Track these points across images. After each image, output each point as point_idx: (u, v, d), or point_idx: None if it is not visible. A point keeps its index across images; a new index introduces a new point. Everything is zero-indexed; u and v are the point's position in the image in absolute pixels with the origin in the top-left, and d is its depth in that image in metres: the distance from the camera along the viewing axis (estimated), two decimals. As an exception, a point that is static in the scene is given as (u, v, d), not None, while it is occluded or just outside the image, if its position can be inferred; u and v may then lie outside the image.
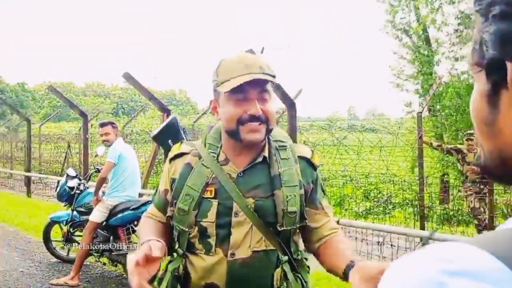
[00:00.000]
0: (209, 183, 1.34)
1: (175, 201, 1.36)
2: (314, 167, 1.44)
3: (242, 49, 5.30)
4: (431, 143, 7.10)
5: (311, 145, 7.42)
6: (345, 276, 1.19)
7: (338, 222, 5.08)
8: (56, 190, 5.42)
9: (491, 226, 5.93)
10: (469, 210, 6.58)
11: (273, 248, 1.33)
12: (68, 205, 5.11)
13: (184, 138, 2.11)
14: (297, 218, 1.35)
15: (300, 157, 1.42)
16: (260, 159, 1.36)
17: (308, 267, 1.47)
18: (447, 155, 7.10)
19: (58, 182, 5.48)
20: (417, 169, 7.25)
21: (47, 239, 5.29)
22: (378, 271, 1.03)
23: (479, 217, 6.34)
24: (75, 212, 4.96)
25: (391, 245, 5.13)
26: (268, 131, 1.34)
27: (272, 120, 1.34)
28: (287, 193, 1.33)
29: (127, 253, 4.28)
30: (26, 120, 11.74)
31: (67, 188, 5.02)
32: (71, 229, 5.05)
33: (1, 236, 6.72)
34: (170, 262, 1.41)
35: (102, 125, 4.86)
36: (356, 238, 5.72)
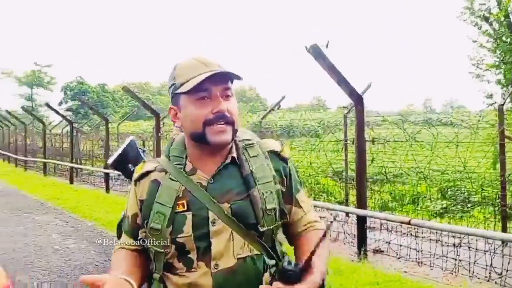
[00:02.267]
0: (180, 196, 1.26)
1: (146, 221, 1.28)
2: (284, 160, 1.37)
3: (308, 44, 5.20)
4: (514, 138, 6.58)
5: (382, 141, 7.15)
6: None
7: (409, 222, 4.87)
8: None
9: None
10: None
11: (258, 253, 1.26)
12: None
13: (145, 159, 1.92)
14: (277, 215, 1.29)
15: (270, 152, 1.35)
16: (228, 161, 1.30)
17: None
18: (533, 150, 6.54)
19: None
20: (499, 165, 6.75)
21: (121, 235, 5.51)
22: None
23: None
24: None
25: (469, 247, 4.81)
26: (235, 132, 1.28)
27: (236, 120, 1.27)
28: (263, 190, 1.27)
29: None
30: (104, 120, 12.41)
31: None
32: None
33: (80, 230, 7.14)
34: None
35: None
36: (430, 239, 5.43)
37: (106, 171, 11.74)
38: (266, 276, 1.26)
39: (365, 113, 5.58)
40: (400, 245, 5.38)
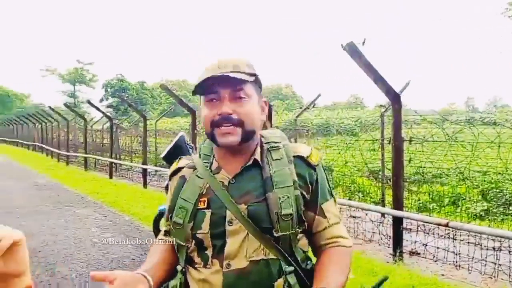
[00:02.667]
0: (203, 193, 1.29)
1: (170, 215, 1.33)
2: (311, 166, 1.32)
3: (344, 42, 5.14)
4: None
5: (419, 140, 6.98)
6: None
7: (447, 225, 4.74)
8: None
9: None
10: None
11: (273, 257, 1.24)
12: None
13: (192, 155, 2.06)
14: (293, 221, 1.24)
15: (296, 157, 1.32)
16: (250, 163, 1.30)
17: None
18: None
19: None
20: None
21: (156, 230, 5.61)
22: None
23: None
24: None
25: (509, 251, 4.64)
26: (246, 133, 1.26)
27: (248, 121, 1.26)
28: (280, 194, 1.24)
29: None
30: (142, 117, 12.66)
31: None
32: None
33: (118, 224, 7.32)
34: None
35: None
36: (468, 242, 5.27)
37: (144, 166, 11.99)
38: (279, 282, 1.23)
39: (403, 112, 5.46)
40: (438, 248, 5.25)
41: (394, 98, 5.28)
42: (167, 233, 1.38)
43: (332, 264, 1.25)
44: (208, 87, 1.26)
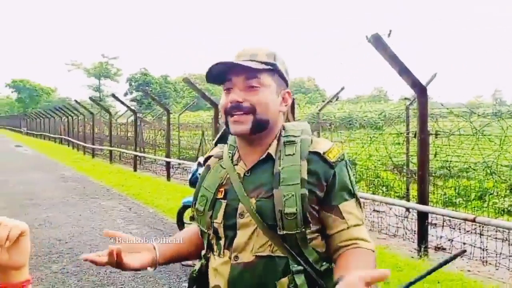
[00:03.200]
0: (223, 183, 1.30)
1: (194, 201, 1.35)
2: (329, 163, 1.24)
3: (369, 34, 5.05)
4: None
5: (446, 134, 6.84)
6: None
7: (474, 220, 4.64)
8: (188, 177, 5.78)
9: None
10: None
11: (281, 254, 1.19)
12: (199, 190, 5.38)
13: None
14: (298, 221, 1.17)
15: (313, 153, 1.25)
16: (264, 156, 1.28)
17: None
18: None
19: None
20: None
21: (180, 222, 5.66)
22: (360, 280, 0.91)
23: None
24: (205, 198, 5.20)
25: (539, 248, 4.52)
26: (258, 121, 1.24)
27: (260, 109, 1.23)
28: (285, 192, 1.19)
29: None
30: (166, 110, 12.77)
31: (198, 175, 5.28)
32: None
33: (142, 216, 7.41)
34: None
35: None
36: (496, 238, 5.16)
37: (168, 159, 12.10)
38: (284, 281, 1.18)
39: (429, 105, 5.36)
40: (464, 243, 5.15)
41: (420, 90, 5.18)
42: (192, 218, 1.41)
43: (354, 261, 1.15)
44: (225, 76, 1.27)
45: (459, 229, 5.87)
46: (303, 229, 1.19)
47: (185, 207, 5.62)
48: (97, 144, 19.60)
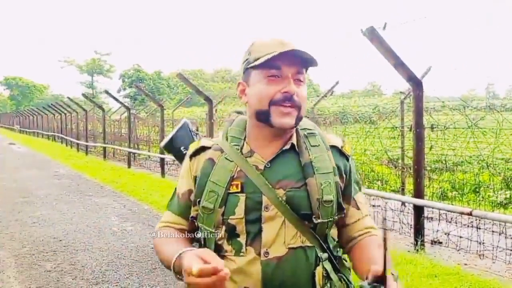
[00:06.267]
0: (235, 177, 1.22)
1: (198, 199, 1.25)
2: (346, 157, 1.29)
3: (364, 27, 5.02)
4: None
5: (441, 127, 6.83)
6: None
7: (471, 213, 4.63)
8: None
9: None
10: None
11: (310, 244, 1.19)
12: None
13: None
14: (334, 208, 1.21)
15: (331, 146, 1.28)
16: (287, 147, 1.24)
17: (349, 268, 1.30)
18: None
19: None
20: None
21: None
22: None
23: None
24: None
25: (535, 240, 4.52)
26: (299, 119, 1.22)
27: (304, 107, 1.22)
28: (321, 180, 1.19)
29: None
30: (159, 106, 12.69)
31: None
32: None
33: (136, 213, 7.36)
34: None
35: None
36: (492, 231, 5.16)
37: (162, 156, 12.04)
38: (319, 270, 1.19)
39: (424, 99, 5.34)
40: (460, 237, 5.15)
41: (416, 84, 5.16)
42: (194, 218, 1.29)
43: (375, 250, 1.18)
44: (270, 60, 1.17)
45: (455, 223, 5.87)
46: (335, 217, 1.23)
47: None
48: (90, 141, 19.48)
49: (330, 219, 1.21)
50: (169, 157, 12.30)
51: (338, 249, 1.28)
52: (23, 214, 7.09)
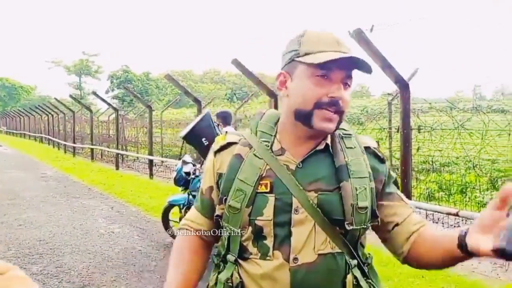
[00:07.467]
0: (263, 176, 1.15)
1: (225, 197, 1.17)
2: (381, 159, 1.23)
3: (351, 28, 5.04)
4: None
5: (428, 129, 6.90)
6: (462, 247, 0.93)
7: (457, 214, 4.67)
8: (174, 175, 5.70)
9: None
10: None
11: (339, 250, 1.13)
12: (185, 189, 5.31)
13: (219, 134, 1.71)
14: (368, 215, 1.14)
15: (366, 148, 1.22)
16: (321, 147, 1.17)
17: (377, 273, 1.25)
18: None
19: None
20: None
21: (165, 221, 5.58)
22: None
23: None
24: (191, 196, 5.13)
25: (521, 241, 4.56)
26: (340, 123, 1.15)
27: (346, 112, 1.15)
28: (357, 185, 1.13)
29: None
30: (148, 107, 12.62)
31: (183, 174, 5.22)
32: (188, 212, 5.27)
33: (124, 215, 7.31)
34: (219, 272, 1.21)
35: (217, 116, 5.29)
36: (478, 231, 5.21)
37: (150, 157, 11.98)
38: (349, 278, 1.13)
39: (411, 100, 5.38)
40: (447, 237, 5.19)
41: (403, 86, 5.19)
42: (219, 217, 1.22)
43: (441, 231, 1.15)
44: (329, 62, 1.08)
45: (442, 223, 5.92)
46: (369, 224, 1.16)
47: (171, 206, 5.54)
48: (78, 143, 19.31)
49: (364, 226, 1.14)
50: (157, 159, 12.26)
51: (368, 256, 1.22)
52: (9, 216, 7.00)
